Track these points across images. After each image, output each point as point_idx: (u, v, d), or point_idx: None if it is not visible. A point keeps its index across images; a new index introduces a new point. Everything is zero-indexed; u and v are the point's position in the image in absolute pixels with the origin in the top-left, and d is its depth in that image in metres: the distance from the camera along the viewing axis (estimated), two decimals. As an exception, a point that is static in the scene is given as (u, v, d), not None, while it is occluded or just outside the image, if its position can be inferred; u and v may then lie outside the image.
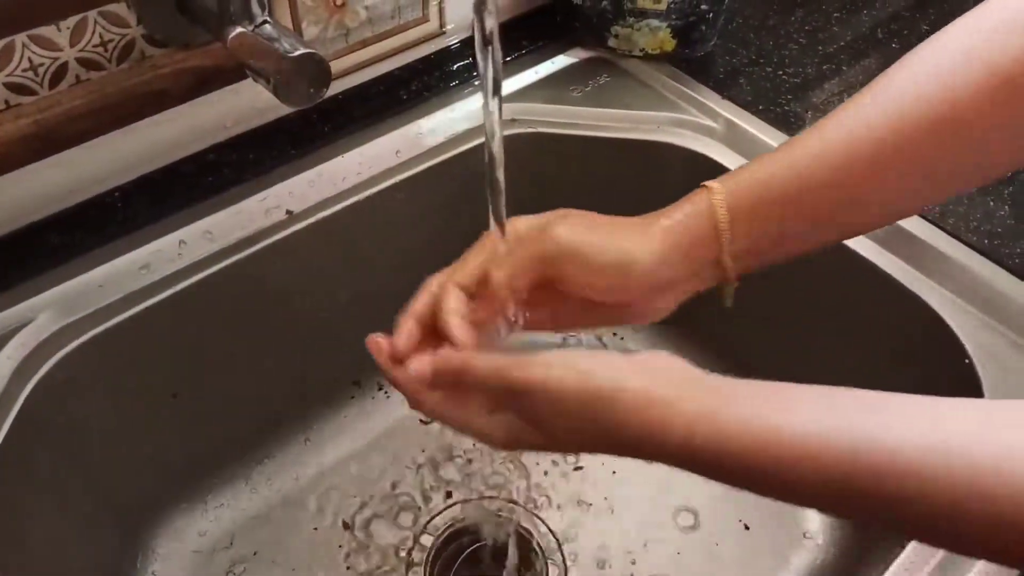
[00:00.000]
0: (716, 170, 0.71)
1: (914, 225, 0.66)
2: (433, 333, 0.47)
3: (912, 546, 0.51)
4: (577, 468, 0.79)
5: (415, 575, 0.72)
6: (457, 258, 0.49)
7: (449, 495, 0.77)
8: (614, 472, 0.79)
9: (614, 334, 0.90)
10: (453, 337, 0.45)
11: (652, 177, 0.75)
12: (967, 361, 0.59)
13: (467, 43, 0.80)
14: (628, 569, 0.73)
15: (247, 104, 0.68)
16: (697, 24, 0.78)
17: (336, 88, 0.71)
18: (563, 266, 0.46)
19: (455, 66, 0.79)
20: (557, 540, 0.74)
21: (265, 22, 0.56)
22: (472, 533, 0.76)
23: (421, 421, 0.82)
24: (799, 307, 0.75)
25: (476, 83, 0.79)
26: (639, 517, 0.76)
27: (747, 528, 0.75)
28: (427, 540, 0.75)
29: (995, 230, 0.65)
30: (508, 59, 0.81)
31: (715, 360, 0.86)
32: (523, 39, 0.82)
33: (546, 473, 0.79)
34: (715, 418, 0.36)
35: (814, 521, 0.75)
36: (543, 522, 0.75)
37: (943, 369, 0.61)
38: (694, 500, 0.77)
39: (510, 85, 0.79)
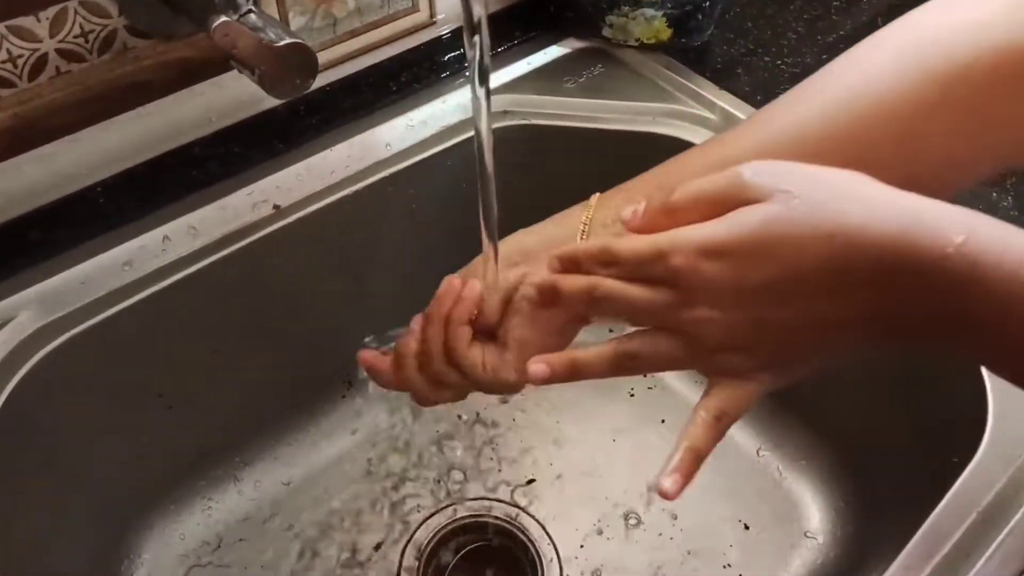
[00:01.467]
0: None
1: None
2: None
3: (911, 546, 0.50)
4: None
5: (408, 575, 0.72)
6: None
7: (442, 495, 0.77)
8: (612, 467, 0.78)
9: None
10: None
11: (647, 169, 0.73)
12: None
13: (458, 33, 0.78)
14: (626, 569, 0.72)
15: (232, 96, 0.67)
16: (693, 13, 0.77)
17: (324, 79, 0.71)
18: None
19: (446, 57, 0.77)
20: (552, 542, 0.74)
21: (250, 11, 0.55)
22: (465, 534, 0.75)
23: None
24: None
25: (468, 74, 0.78)
26: (638, 517, 0.75)
27: (747, 528, 0.74)
28: (421, 539, 0.74)
29: (998, 222, 0.64)
30: (500, 50, 0.80)
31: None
32: (515, 29, 0.81)
33: (538, 478, 0.78)
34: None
35: (815, 521, 0.74)
36: (540, 524, 0.75)
37: (945, 361, 0.60)
38: (694, 500, 0.76)
39: (503, 76, 0.78)
